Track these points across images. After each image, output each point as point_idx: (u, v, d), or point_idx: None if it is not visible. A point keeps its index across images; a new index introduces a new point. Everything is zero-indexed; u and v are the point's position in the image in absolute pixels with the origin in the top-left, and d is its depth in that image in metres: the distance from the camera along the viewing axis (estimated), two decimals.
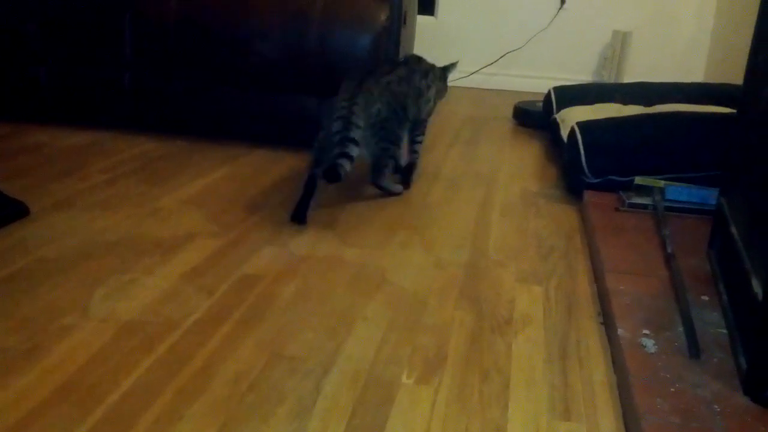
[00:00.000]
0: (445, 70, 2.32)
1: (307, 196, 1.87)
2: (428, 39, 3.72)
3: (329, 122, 1.90)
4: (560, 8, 4.24)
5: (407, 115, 2.08)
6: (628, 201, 1.94)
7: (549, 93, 3.04)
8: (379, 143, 1.98)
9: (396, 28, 2.47)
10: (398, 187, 2.12)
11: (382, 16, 2.41)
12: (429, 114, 2.27)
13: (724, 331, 1.29)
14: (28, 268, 1.50)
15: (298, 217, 1.85)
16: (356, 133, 1.87)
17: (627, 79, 4.08)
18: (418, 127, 2.23)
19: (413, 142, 2.24)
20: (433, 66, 2.27)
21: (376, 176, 2.05)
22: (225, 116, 2.57)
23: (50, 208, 1.85)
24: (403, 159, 2.23)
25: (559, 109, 2.83)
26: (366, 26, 2.38)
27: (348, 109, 1.88)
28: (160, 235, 1.71)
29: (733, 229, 1.41)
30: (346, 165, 1.83)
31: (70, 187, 2.01)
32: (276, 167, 2.32)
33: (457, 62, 2.38)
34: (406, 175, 2.22)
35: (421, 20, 3.40)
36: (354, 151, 1.86)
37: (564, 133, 2.42)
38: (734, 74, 3.33)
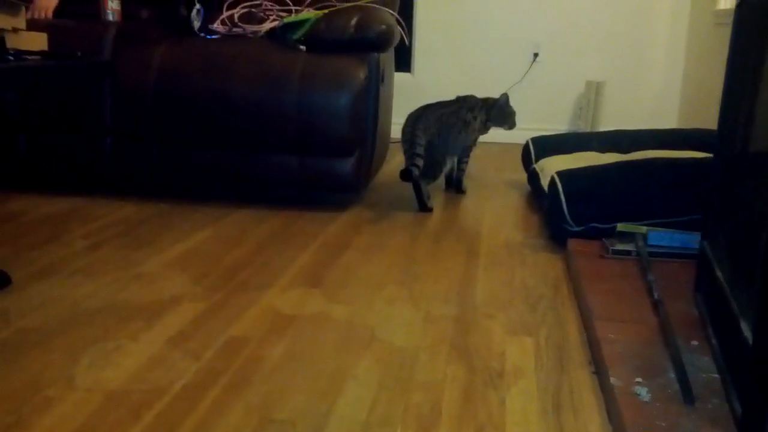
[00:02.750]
0: (495, 102, 2.89)
1: (418, 192, 2.59)
2: (406, 95, 3.78)
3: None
4: (533, 61, 4.34)
5: (453, 143, 2.71)
6: (611, 248, 1.95)
7: (527, 144, 3.08)
8: (428, 158, 2.58)
9: (374, 86, 2.51)
10: (430, 203, 2.63)
11: (361, 75, 2.45)
12: (475, 141, 2.91)
13: (716, 375, 1.29)
14: (10, 339, 1.47)
15: (424, 208, 2.60)
16: (420, 149, 2.55)
17: (602, 127, 4.16)
18: (465, 151, 2.87)
19: (460, 161, 2.89)
20: (485, 100, 2.88)
21: (422, 178, 2.59)
22: (206, 178, 2.57)
23: (32, 276, 1.82)
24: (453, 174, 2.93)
25: (537, 159, 2.87)
26: (345, 86, 2.41)
27: (412, 133, 2.59)
28: (144, 300, 1.69)
29: (718, 273, 1.42)
30: (416, 170, 2.51)
31: (51, 255, 1.99)
32: (259, 227, 2.31)
33: (504, 94, 2.93)
34: (457, 185, 2.93)
35: (399, 77, 3.46)
36: (419, 161, 2.54)
37: (544, 183, 2.44)
38: (707, 119, 3.41)
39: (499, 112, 2.88)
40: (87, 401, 1.24)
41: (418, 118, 2.62)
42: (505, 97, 2.89)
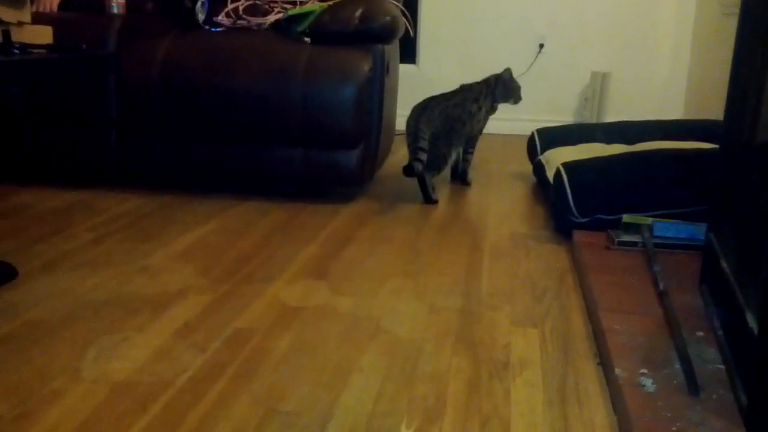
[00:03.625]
0: (498, 78, 2.87)
1: (423, 185, 2.59)
2: (411, 87, 3.77)
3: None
4: (539, 52, 4.33)
5: (457, 135, 2.69)
6: (617, 239, 1.95)
7: (532, 135, 3.07)
8: (433, 151, 2.58)
9: (379, 78, 2.51)
10: (435, 195, 2.62)
11: (366, 67, 2.44)
12: (480, 130, 2.87)
13: (722, 366, 1.28)
14: (17, 332, 1.48)
15: (429, 201, 2.60)
16: (423, 143, 2.54)
17: (608, 118, 4.14)
18: (470, 142, 2.85)
19: (465, 152, 2.88)
20: (485, 83, 2.85)
21: (426, 173, 2.59)
22: (211, 170, 2.57)
23: (38, 269, 1.83)
24: (459, 166, 2.94)
25: (543, 151, 2.86)
26: (350, 77, 2.40)
27: (416, 126, 2.57)
28: (150, 292, 1.70)
29: (724, 264, 1.42)
30: (419, 165, 2.50)
31: (57, 248, 1.99)
32: (264, 219, 2.32)
33: (507, 69, 2.90)
34: (463, 177, 2.91)
35: (404, 69, 3.45)
36: (423, 155, 2.53)
37: (550, 175, 2.44)
38: (713, 110, 3.39)
39: (504, 88, 2.86)
40: (93, 393, 1.25)
41: (422, 111, 2.60)
42: (508, 73, 2.87)
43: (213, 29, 2.65)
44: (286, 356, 1.40)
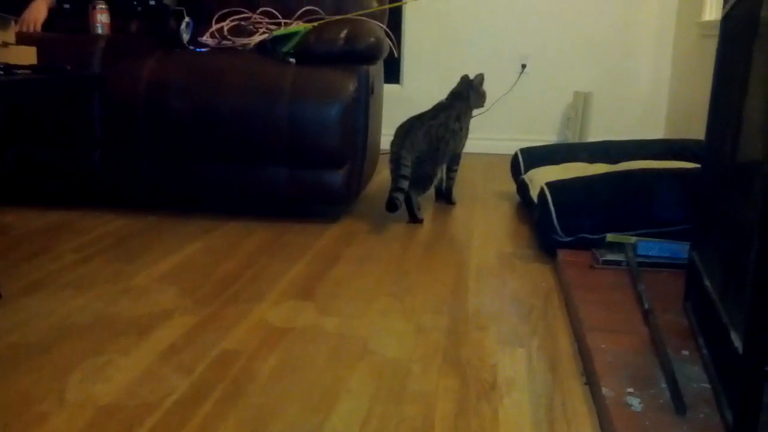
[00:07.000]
0: (471, 86, 2.92)
1: (408, 204, 2.58)
2: (395, 107, 3.80)
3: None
4: (521, 72, 4.37)
5: (442, 154, 2.68)
6: (601, 258, 1.96)
7: (516, 154, 3.09)
8: (418, 171, 2.58)
9: (364, 98, 2.52)
10: (421, 215, 2.64)
11: (351, 87, 2.45)
12: (462, 147, 2.89)
13: (707, 385, 1.29)
14: (0, 354, 1.46)
15: (414, 220, 2.60)
16: (405, 171, 2.52)
17: (591, 138, 4.18)
18: (454, 159, 2.86)
19: (449, 170, 2.88)
20: (461, 98, 2.87)
21: (412, 192, 2.59)
22: (196, 190, 2.57)
23: (21, 290, 1.81)
24: (443, 184, 2.92)
25: (527, 170, 2.88)
26: (335, 97, 2.41)
27: (398, 153, 2.55)
28: (135, 314, 1.69)
29: (707, 282, 1.43)
30: (400, 196, 2.49)
31: (41, 269, 1.98)
32: (249, 239, 2.31)
33: (481, 74, 2.96)
34: (447, 196, 2.93)
35: (388, 89, 3.47)
36: (405, 184, 2.51)
37: (534, 194, 2.45)
38: (694, 129, 3.44)
39: (476, 95, 2.92)
40: (78, 416, 1.24)
41: (405, 136, 2.59)
42: (480, 78, 2.94)
43: (198, 50, 2.66)
44: (272, 378, 1.40)
